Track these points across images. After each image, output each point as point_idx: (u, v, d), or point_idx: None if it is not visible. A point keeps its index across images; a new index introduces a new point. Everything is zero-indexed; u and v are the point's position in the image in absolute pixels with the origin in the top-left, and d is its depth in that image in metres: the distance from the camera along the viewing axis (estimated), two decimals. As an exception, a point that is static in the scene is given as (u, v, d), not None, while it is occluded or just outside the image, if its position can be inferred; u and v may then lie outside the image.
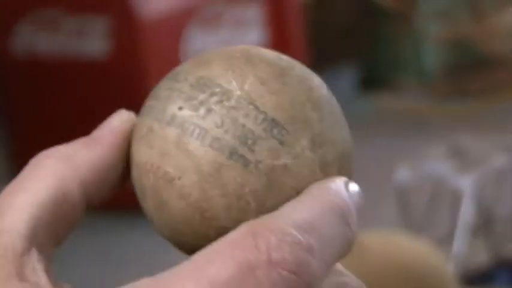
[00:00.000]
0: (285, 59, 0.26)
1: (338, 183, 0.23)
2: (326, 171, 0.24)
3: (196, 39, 2.41)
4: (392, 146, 2.58)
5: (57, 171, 0.24)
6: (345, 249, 0.23)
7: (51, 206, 0.24)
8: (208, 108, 0.24)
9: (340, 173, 0.25)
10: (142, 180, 0.25)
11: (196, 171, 0.24)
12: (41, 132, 2.49)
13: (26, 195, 0.24)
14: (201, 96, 0.24)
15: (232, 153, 0.24)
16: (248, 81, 0.24)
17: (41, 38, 2.43)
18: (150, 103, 0.26)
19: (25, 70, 2.54)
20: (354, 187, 0.24)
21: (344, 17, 3.15)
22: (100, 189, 0.26)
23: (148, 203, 0.25)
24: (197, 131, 0.24)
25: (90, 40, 2.35)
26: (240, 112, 0.24)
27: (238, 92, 0.24)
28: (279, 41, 2.77)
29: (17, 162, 2.62)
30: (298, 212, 0.22)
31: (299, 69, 0.25)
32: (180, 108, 0.24)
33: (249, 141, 0.24)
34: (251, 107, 0.24)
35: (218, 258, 0.20)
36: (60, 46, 2.44)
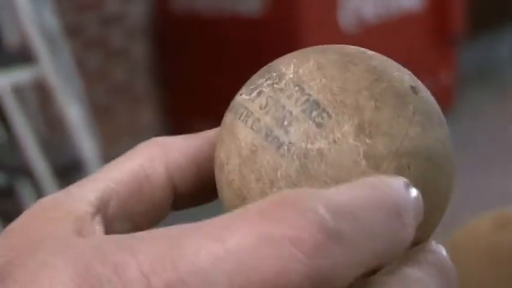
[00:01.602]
0: (370, 53, 0.24)
1: (398, 181, 0.21)
2: (377, 165, 0.22)
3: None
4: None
5: (148, 153, 0.25)
6: (392, 250, 0.20)
7: (129, 183, 0.25)
8: (259, 91, 0.23)
9: (400, 173, 0.22)
10: (215, 174, 0.25)
11: (237, 155, 0.23)
12: (196, 89, 2.50)
13: (110, 171, 0.25)
14: (259, 81, 0.24)
15: (268, 135, 0.22)
16: (306, 65, 0.23)
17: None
18: None
19: (183, 27, 2.41)
20: (413, 192, 0.21)
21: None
22: (192, 181, 0.26)
23: (220, 198, 0.25)
24: (245, 113, 0.23)
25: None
26: (285, 94, 0.23)
27: (291, 75, 0.23)
28: (437, 2, 2.33)
29: (172, 116, 2.54)
30: (340, 194, 0.19)
31: (379, 62, 0.24)
32: (240, 94, 0.24)
33: (286, 122, 0.22)
34: (296, 88, 0.23)
35: (238, 224, 0.19)
36: (218, 3, 2.46)
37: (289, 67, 0.24)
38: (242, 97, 0.24)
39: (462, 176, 2.19)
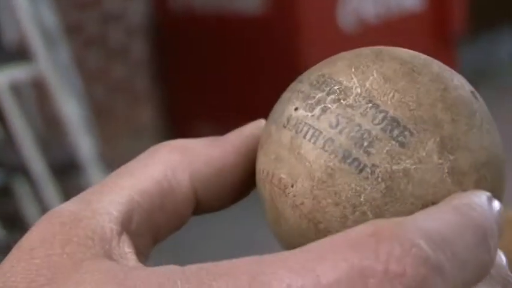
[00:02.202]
0: (422, 57, 0.23)
1: (481, 197, 0.20)
2: (460, 181, 0.21)
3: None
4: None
5: (169, 160, 0.24)
6: (479, 276, 0.19)
7: (154, 194, 0.23)
8: (324, 108, 0.22)
9: (479, 185, 0.22)
10: (261, 191, 0.24)
11: (308, 177, 0.22)
12: (195, 87, 2.49)
13: (131, 178, 0.23)
14: (319, 95, 0.22)
15: (346, 157, 0.21)
16: (371, 77, 0.22)
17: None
18: (274, 107, 0.24)
19: (183, 25, 2.41)
20: (496, 205, 0.21)
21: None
22: (215, 190, 0.25)
23: (267, 215, 0.24)
24: (310, 132, 0.22)
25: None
26: (358, 111, 0.22)
27: (358, 90, 0.22)
28: (437, 2, 2.33)
29: (171, 114, 2.54)
30: (432, 222, 0.19)
31: (437, 67, 0.23)
32: (296, 109, 0.23)
33: (365, 143, 0.21)
34: (370, 105, 0.22)
35: (331, 256, 0.17)
36: (218, 1, 2.45)
37: (351, 79, 0.22)
38: (300, 113, 0.23)
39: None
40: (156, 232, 0.23)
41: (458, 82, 0.23)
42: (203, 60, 2.52)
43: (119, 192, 0.22)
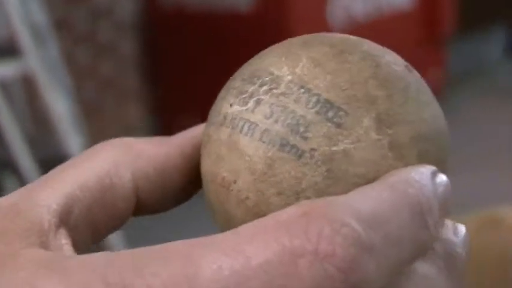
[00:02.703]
0: (352, 38, 0.23)
1: (423, 172, 0.20)
2: (402, 155, 0.21)
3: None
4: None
5: (113, 157, 0.24)
6: (416, 254, 0.19)
7: (95, 189, 0.23)
8: (257, 100, 0.22)
9: (422, 158, 0.21)
10: (207, 194, 0.23)
11: (249, 171, 0.21)
12: (185, 85, 2.49)
13: (73, 173, 0.23)
14: (251, 88, 0.22)
15: (284, 145, 0.21)
16: (301, 64, 0.22)
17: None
18: (211, 109, 0.24)
19: (173, 23, 2.41)
20: (441, 179, 0.21)
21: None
22: (157, 190, 0.25)
23: (216, 218, 0.23)
24: (246, 126, 0.22)
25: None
26: (291, 98, 0.21)
27: (289, 77, 0.22)
28: (427, 1, 2.34)
29: (160, 112, 2.54)
30: (365, 201, 0.19)
31: (367, 46, 0.23)
32: (231, 105, 0.22)
33: (301, 129, 0.21)
34: (302, 90, 0.21)
35: (261, 237, 0.17)
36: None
37: (281, 68, 0.22)
38: (235, 108, 0.22)
39: (450, 176, 2.20)
40: (95, 228, 0.23)
41: (391, 58, 0.23)
42: (193, 58, 2.52)
43: (60, 185, 0.22)
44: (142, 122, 2.68)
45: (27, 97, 2.12)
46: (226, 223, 0.23)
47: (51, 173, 0.23)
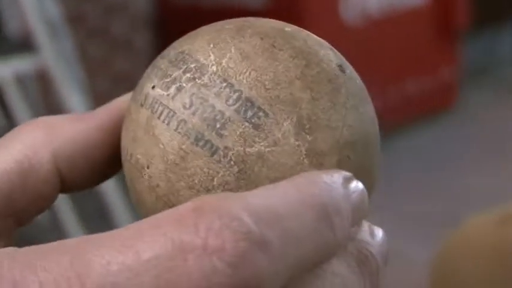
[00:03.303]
0: (289, 30, 0.22)
1: (334, 176, 0.20)
2: (320, 162, 0.21)
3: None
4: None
5: (31, 139, 0.23)
6: (321, 253, 0.19)
7: (13, 175, 0.22)
8: (179, 87, 0.21)
9: (342, 165, 0.21)
10: (124, 170, 0.23)
11: (162, 160, 0.21)
12: None
13: None
14: (175, 73, 0.22)
15: (199, 139, 0.21)
16: (228, 54, 0.21)
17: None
18: (138, 83, 0.24)
19: (186, 17, 2.42)
20: (356, 186, 0.20)
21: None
22: (80, 167, 0.24)
23: (130, 196, 0.23)
24: (165, 112, 0.21)
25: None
26: (212, 91, 0.21)
27: (214, 68, 0.21)
28: None
29: None
30: (263, 198, 0.18)
31: (302, 41, 0.22)
32: (153, 87, 0.22)
33: (218, 125, 0.20)
34: (224, 84, 0.21)
35: (152, 232, 0.17)
36: None
37: (208, 57, 0.21)
38: (157, 91, 0.22)
39: (463, 175, 2.19)
40: (19, 214, 0.23)
41: (325, 56, 0.22)
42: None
43: None
44: None
45: (41, 91, 2.13)
46: (137, 204, 0.23)
47: None
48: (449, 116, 2.77)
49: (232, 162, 0.20)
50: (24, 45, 1.80)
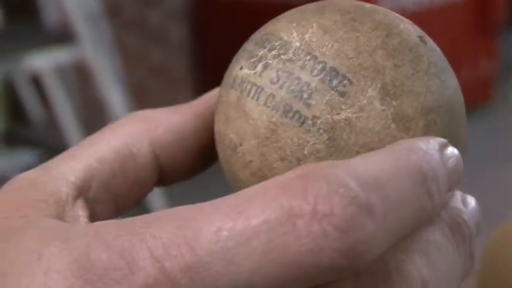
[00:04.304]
0: (367, 6, 0.23)
1: (430, 143, 0.20)
2: (406, 127, 0.21)
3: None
4: None
5: (130, 129, 0.24)
6: (418, 220, 0.19)
7: (113, 162, 0.23)
8: (265, 64, 0.22)
9: (428, 131, 0.21)
10: (219, 154, 0.24)
11: (253, 135, 0.22)
12: None
13: (91, 148, 0.23)
14: (261, 52, 0.22)
15: (287, 111, 0.21)
16: (310, 30, 0.22)
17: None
18: (228, 68, 0.24)
19: (222, 10, 2.44)
20: (452, 152, 0.20)
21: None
22: (177, 156, 0.25)
23: (227, 178, 0.24)
24: (253, 89, 0.22)
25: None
26: (297, 64, 0.21)
27: (297, 44, 0.22)
28: None
29: None
30: (365, 164, 0.19)
31: (382, 15, 0.23)
32: (241, 68, 0.23)
33: (305, 95, 0.21)
34: (308, 57, 0.21)
35: (261, 198, 0.18)
36: None
37: (291, 34, 0.22)
38: (244, 71, 0.23)
39: (502, 170, 2.16)
40: (117, 200, 0.23)
41: (405, 28, 0.23)
42: (240, 45, 2.52)
43: (77, 160, 0.23)
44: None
45: (80, 82, 2.15)
46: (234, 183, 0.23)
47: (69, 149, 0.23)
48: (487, 110, 2.74)
49: (321, 131, 0.21)
50: (63, 36, 1.82)
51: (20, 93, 2.14)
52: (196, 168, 0.26)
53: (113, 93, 1.76)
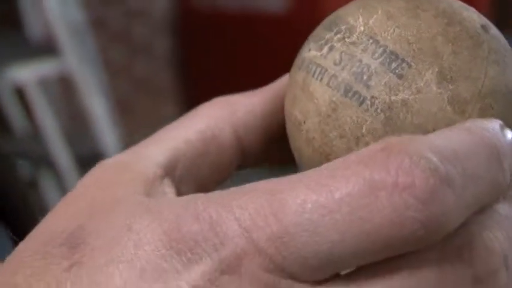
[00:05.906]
0: None
1: (493, 122, 0.21)
2: (462, 110, 0.22)
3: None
4: None
5: (212, 112, 0.25)
6: (491, 194, 0.20)
7: (197, 143, 0.24)
8: (330, 46, 0.23)
9: (484, 114, 0.22)
10: (287, 132, 0.25)
11: (316, 113, 0.23)
12: (217, 84, 2.51)
13: (176, 131, 0.24)
14: (328, 35, 0.24)
15: (347, 90, 0.22)
16: (375, 16, 0.23)
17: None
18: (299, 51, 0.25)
19: (207, 23, 2.43)
20: (509, 133, 0.21)
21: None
22: (259, 137, 0.26)
23: (295, 156, 0.25)
24: (318, 70, 0.23)
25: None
26: (359, 47, 0.23)
27: (362, 28, 0.23)
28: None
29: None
30: (443, 139, 0.19)
31: (447, 4, 0.23)
32: (309, 50, 0.24)
33: (365, 77, 0.22)
34: (370, 41, 0.23)
35: (343, 172, 0.18)
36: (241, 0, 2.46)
37: (358, 19, 0.23)
38: (312, 53, 0.24)
39: None
40: (201, 180, 0.24)
41: (468, 16, 0.23)
42: (225, 58, 2.53)
43: (164, 142, 0.24)
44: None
45: (64, 95, 2.15)
46: (299, 159, 0.24)
47: (155, 134, 0.24)
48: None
49: (379, 110, 0.22)
50: (47, 49, 1.82)
51: (3, 105, 2.13)
52: (276, 151, 0.26)
53: (97, 105, 1.76)
